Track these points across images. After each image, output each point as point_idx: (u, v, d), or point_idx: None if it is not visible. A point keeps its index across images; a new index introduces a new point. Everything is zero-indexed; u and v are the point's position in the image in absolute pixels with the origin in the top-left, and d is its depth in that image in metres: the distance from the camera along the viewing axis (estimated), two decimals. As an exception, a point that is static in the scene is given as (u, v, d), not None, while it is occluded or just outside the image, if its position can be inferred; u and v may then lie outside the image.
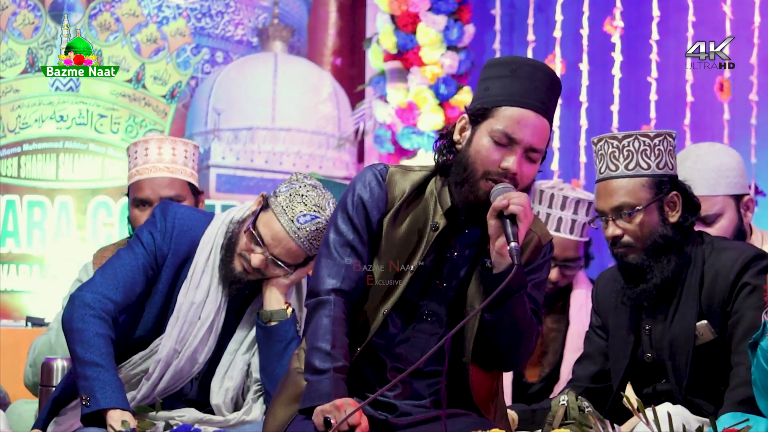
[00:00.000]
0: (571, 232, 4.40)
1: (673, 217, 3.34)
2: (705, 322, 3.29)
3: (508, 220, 2.79)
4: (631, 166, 3.33)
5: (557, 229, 4.42)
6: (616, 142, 3.34)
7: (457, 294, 2.98)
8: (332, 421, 2.76)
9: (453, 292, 2.97)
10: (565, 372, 4.40)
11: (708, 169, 3.72)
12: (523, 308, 2.89)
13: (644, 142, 3.32)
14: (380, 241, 3.00)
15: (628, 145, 3.33)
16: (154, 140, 4.12)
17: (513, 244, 2.77)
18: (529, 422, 3.97)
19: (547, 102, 2.90)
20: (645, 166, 3.32)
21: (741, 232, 3.75)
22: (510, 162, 2.85)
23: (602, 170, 3.37)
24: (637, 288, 3.34)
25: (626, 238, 3.33)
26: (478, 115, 2.91)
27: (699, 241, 3.38)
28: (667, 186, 3.34)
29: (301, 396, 2.89)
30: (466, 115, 2.95)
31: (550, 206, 4.45)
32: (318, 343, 2.90)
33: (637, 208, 3.31)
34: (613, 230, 3.34)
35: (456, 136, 2.95)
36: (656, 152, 3.33)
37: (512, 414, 3.99)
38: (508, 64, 2.93)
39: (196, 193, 4.11)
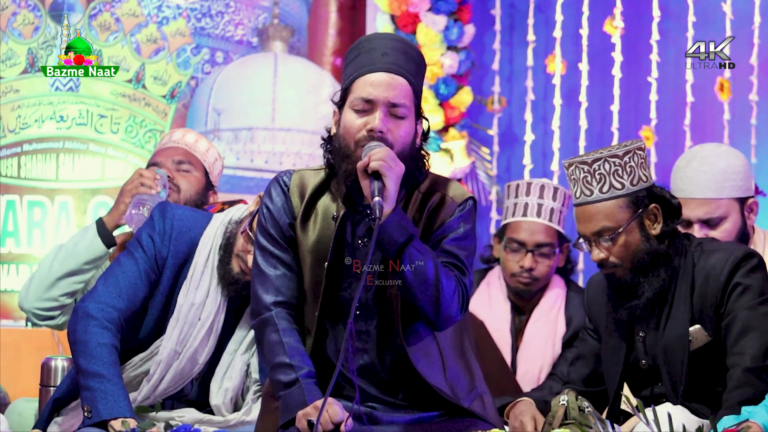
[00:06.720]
0: (539, 215, 4.39)
1: (655, 229, 3.32)
2: (698, 326, 3.28)
3: (373, 177, 2.80)
4: (605, 189, 3.29)
5: (524, 214, 4.42)
6: (586, 167, 3.30)
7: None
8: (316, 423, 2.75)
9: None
10: (521, 364, 4.41)
11: (713, 171, 3.69)
12: (422, 258, 2.84)
13: (614, 162, 3.28)
14: (297, 246, 3.01)
15: (599, 168, 3.29)
16: (182, 129, 4.13)
17: (376, 199, 2.77)
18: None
19: (401, 63, 2.90)
20: (619, 186, 3.29)
21: (744, 235, 3.74)
22: (374, 122, 2.86)
23: (578, 195, 3.33)
24: (629, 303, 3.33)
25: (612, 260, 3.31)
26: (340, 99, 2.95)
27: (687, 243, 3.36)
28: (644, 201, 3.30)
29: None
30: (335, 107, 2.97)
31: (516, 196, 4.47)
32: (276, 359, 2.92)
33: (618, 230, 3.28)
34: (597, 254, 3.32)
35: (333, 130, 2.97)
36: (628, 170, 3.29)
37: (536, 414, 3.93)
38: (356, 45, 2.97)
39: (210, 186, 4.04)
